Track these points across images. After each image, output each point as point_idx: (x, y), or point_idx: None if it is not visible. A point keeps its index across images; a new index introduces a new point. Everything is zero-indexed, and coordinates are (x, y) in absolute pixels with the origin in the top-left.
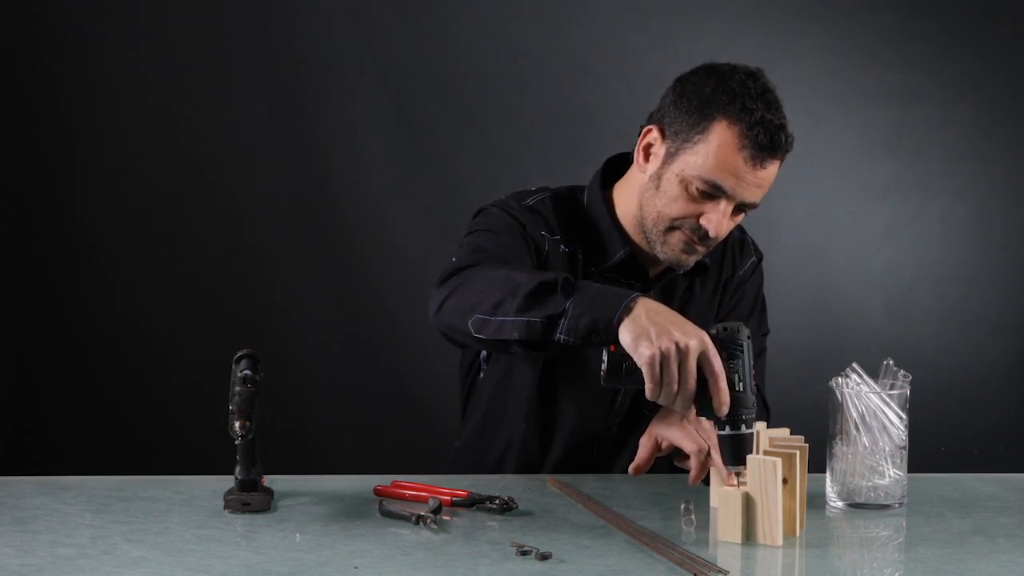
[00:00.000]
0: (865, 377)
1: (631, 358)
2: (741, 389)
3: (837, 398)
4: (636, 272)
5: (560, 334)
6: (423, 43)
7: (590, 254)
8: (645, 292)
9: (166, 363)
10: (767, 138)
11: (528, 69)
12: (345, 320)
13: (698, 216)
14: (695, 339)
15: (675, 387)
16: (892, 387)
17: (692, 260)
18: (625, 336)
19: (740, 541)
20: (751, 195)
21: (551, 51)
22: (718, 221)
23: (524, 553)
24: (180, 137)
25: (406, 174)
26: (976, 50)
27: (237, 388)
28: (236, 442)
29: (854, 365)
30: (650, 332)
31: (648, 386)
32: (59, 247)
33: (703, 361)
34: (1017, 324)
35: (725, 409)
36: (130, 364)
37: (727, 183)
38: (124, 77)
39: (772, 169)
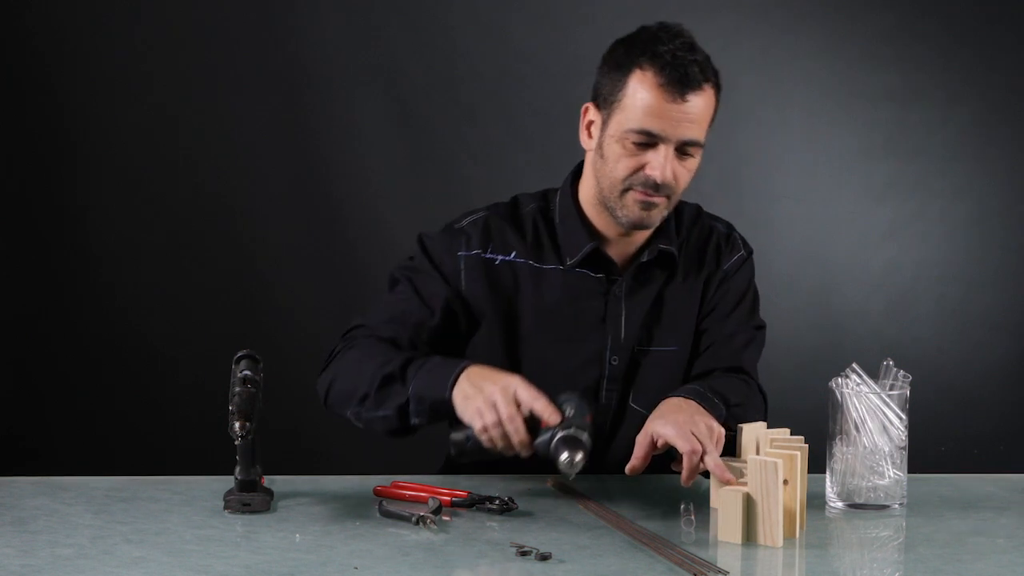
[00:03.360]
0: (865, 377)
1: (468, 428)
2: (571, 413)
3: (837, 398)
4: (604, 264)
5: (414, 419)
6: (423, 43)
7: (554, 254)
8: (613, 283)
9: (166, 363)
10: (680, 71)
11: (528, 69)
12: (345, 320)
13: (643, 168)
14: (509, 380)
15: (504, 427)
16: (892, 387)
17: (654, 216)
18: (457, 405)
19: (740, 541)
20: (685, 132)
21: (551, 51)
22: (662, 166)
23: (524, 553)
24: (180, 137)
25: (406, 174)
26: (976, 50)
27: (237, 388)
28: (236, 442)
29: (854, 365)
30: (469, 391)
31: (481, 434)
32: (59, 247)
33: (520, 397)
34: (1017, 324)
35: (553, 420)
36: (130, 364)
37: (655, 126)
38: (124, 77)
39: (697, 102)
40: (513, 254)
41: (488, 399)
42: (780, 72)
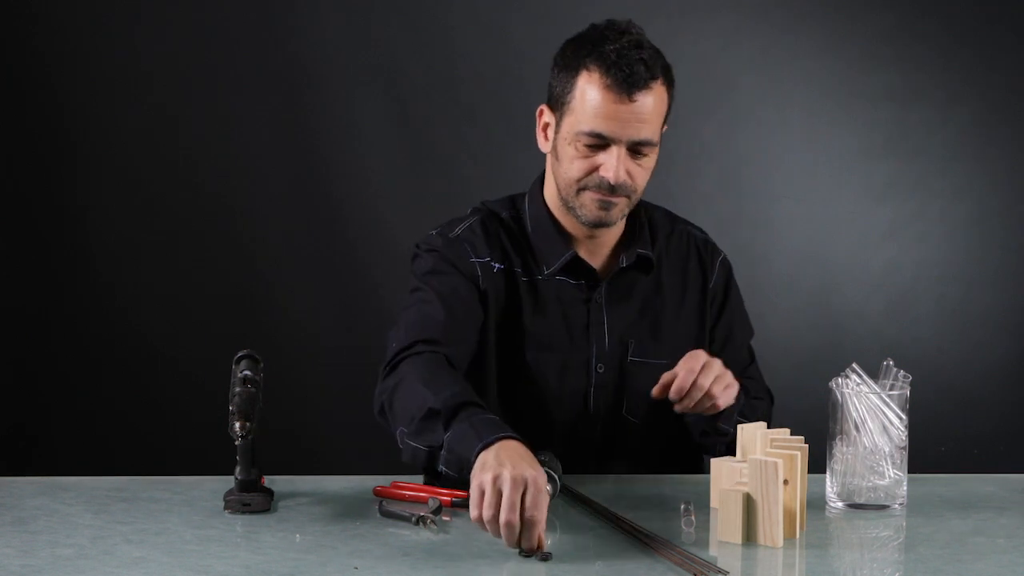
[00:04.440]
0: (865, 377)
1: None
2: (545, 459)
3: (837, 398)
4: (583, 271)
5: (441, 465)
6: (423, 43)
7: (534, 262)
8: (594, 290)
9: (166, 363)
10: (627, 70)
11: (528, 69)
12: (345, 320)
13: (597, 169)
14: (529, 473)
15: (493, 511)
16: (892, 387)
17: (614, 215)
18: (474, 468)
19: (740, 541)
20: (635, 132)
21: (551, 51)
22: (615, 167)
23: (544, 558)
24: (180, 137)
25: (406, 174)
26: (976, 50)
27: (237, 388)
28: (236, 442)
29: (854, 365)
30: (488, 464)
31: (472, 509)
32: (59, 247)
33: (528, 495)
34: (1017, 324)
35: (532, 546)
36: (130, 364)
37: (606, 128)
38: (124, 77)
39: (647, 101)
40: (506, 263)
41: (495, 487)
42: (780, 72)
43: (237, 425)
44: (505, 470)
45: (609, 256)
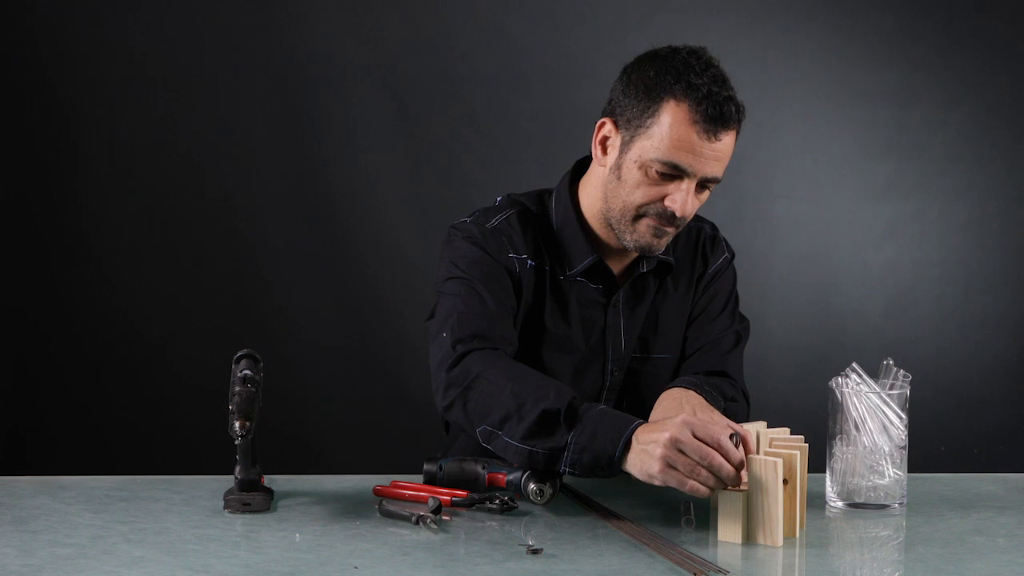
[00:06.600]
0: (865, 377)
1: (441, 460)
2: None
3: (837, 398)
4: (603, 276)
5: (564, 466)
6: (423, 43)
7: (557, 261)
8: (612, 294)
9: (166, 363)
10: (717, 110)
11: (528, 69)
12: (345, 320)
13: (662, 199)
14: (673, 429)
15: (691, 471)
16: (892, 387)
17: (663, 244)
18: (633, 472)
19: (740, 541)
20: (711, 169)
21: (551, 51)
22: (683, 201)
23: (535, 551)
24: (180, 137)
25: (406, 174)
26: (976, 50)
27: (237, 388)
28: (236, 442)
29: (854, 365)
30: (647, 460)
31: (684, 487)
32: (59, 247)
33: (700, 432)
34: (1017, 324)
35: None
36: (130, 364)
37: (685, 161)
38: (124, 77)
39: (727, 140)
40: (538, 260)
41: (666, 453)
42: (780, 72)
43: (237, 425)
44: (656, 450)
45: (631, 261)
